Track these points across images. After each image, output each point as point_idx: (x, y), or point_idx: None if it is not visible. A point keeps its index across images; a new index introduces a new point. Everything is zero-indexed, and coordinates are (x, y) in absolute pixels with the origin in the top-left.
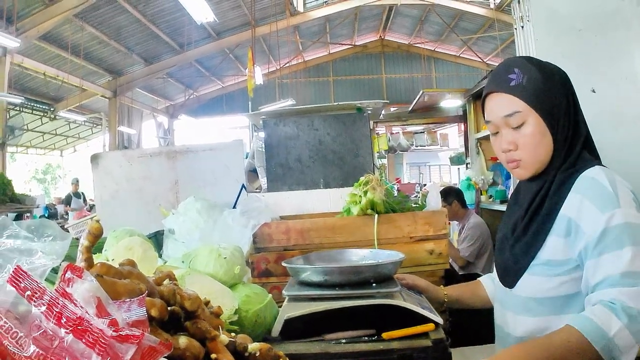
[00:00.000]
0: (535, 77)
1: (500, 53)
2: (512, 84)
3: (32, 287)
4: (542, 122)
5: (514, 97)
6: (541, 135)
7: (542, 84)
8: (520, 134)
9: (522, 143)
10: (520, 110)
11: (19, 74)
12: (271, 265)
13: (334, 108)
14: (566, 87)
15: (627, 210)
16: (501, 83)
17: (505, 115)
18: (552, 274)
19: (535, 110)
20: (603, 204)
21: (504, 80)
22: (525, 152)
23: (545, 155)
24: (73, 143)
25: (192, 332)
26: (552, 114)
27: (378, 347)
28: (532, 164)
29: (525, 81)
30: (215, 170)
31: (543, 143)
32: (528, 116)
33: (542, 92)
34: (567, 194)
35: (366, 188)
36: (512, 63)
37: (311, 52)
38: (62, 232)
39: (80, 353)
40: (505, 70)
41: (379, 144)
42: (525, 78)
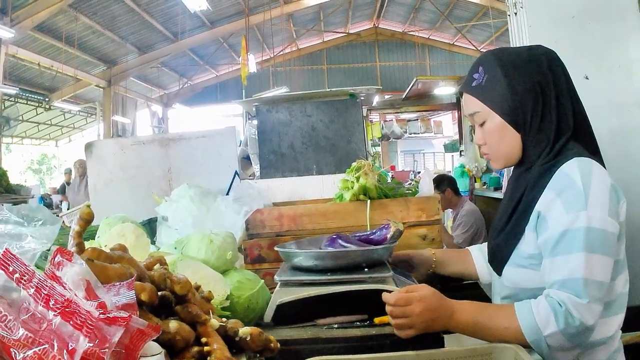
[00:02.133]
0: (495, 77)
1: (495, 41)
2: (474, 84)
3: (20, 270)
4: (502, 121)
5: (474, 98)
6: (501, 133)
7: (501, 83)
8: (484, 131)
9: (486, 139)
10: (479, 111)
11: (13, 65)
12: (264, 251)
13: (326, 94)
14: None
15: (592, 213)
16: (467, 83)
17: (469, 114)
18: (536, 267)
19: (493, 110)
20: (570, 205)
21: (469, 80)
22: (490, 147)
23: (511, 150)
24: (68, 133)
25: (183, 317)
26: (513, 113)
27: (370, 332)
28: (498, 157)
29: (485, 81)
30: (208, 157)
31: (505, 139)
32: (488, 115)
33: (500, 92)
34: (544, 190)
35: (358, 174)
36: (480, 61)
37: (305, 40)
38: (52, 216)
39: (68, 335)
40: (473, 69)
41: (373, 131)
42: (485, 78)
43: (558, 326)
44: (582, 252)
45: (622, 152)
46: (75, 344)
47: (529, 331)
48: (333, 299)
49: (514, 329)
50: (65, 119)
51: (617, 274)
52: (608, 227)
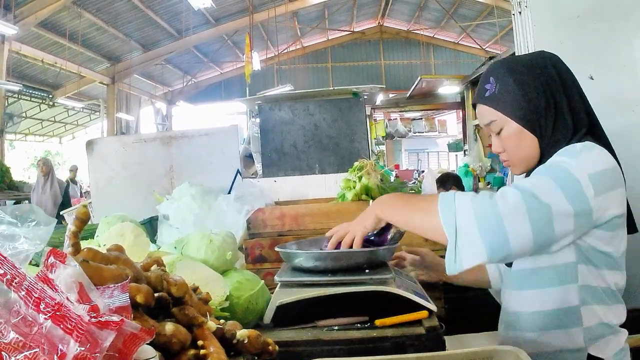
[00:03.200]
0: (507, 85)
1: (500, 40)
2: (487, 94)
3: (11, 272)
4: (519, 126)
5: (489, 108)
6: (519, 138)
7: (514, 90)
8: (501, 138)
9: (505, 147)
10: (495, 119)
11: (17, 61)
12: (265, 251)
13: (330, 93)
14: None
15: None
16: (480, 94)
17: (485, 124)
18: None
19: (509, 117)
20: (562, 154)
21: (482, 91)
22: (509, 154)
23: (530, 153)
24: (71, 130)
25: (179, 319)
26: (527, 117)
27: (371, 335)
28: (519, 163)
29: (498, 90)
30: (210, 155)
31: (523, 144)
32: (504, 123)
33: (514, 100)
34: None
35: (361, 173)
36: (490, 72)
37: (309, 38)
38: (46, 217)
39: (59, 339)
40: (484, 81)
41: (377, 130)
42: (497, 87)
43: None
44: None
45: (627, 151)
46: (66, 348)
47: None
48: (334, 300)
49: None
50: (69, 115)
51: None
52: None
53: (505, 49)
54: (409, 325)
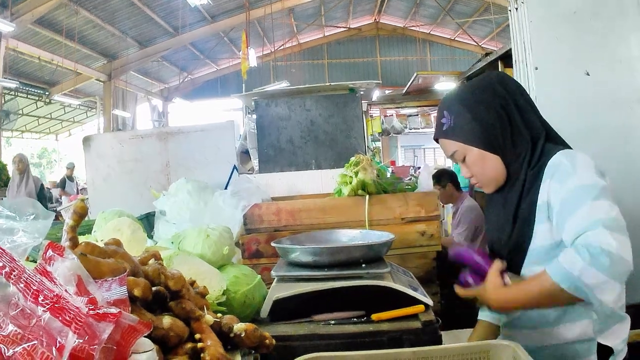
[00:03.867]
0: (460, 115)
1: (496, 37)
2: (444, 128)
3: (10, 265)
4: (479, 150)
5: (448, 140)
6: (483, 161)
7: (467, 118)
8: (467, 165)
9: (472, 171)
10: (456, 150)
11: (13, 59)
12: (262, 246)
13: (326, 89)
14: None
15: (581, 174)
16: (438, 129)
17: (449, 155)
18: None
19: (469, 145)
20: (562, 178)
21: (440, 126)
22: (478, 178)
23: (496, 172)
24: (68, 127)
25: (177, 312)
26: (485, 140)
27: (367, 329)
28: (488, 183)
29: (453, 122)
30: (206, 151)
31: (488, 165)
32: (465, 151)
33: (469, 127)
34: (540, 183)
35: (357, 169)
36: (443, 106)
37: (306, 34)
38: (44, 211)
39: (57, 331)
40: (439, 116)
41: (373, 126)
42: (452, 119)
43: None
44: (586, 203)
45: (623, 147)
46: (64, 340)
47: (562, 279)
48: (330, 294)
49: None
50: (66, 112)
51: None
52: (598, 182)
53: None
54: (405, 319)
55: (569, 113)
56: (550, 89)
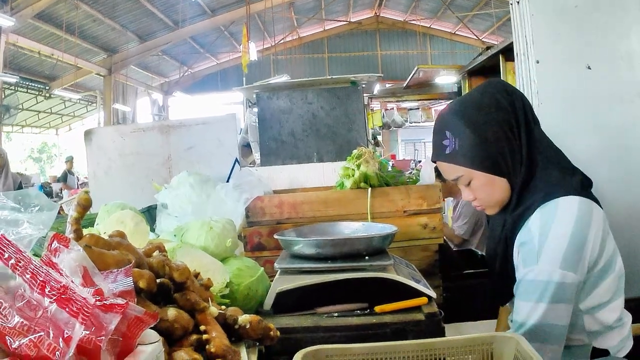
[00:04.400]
0: (465, 137)
1: (496, 30)
2: (447, 151)
3: (16, 257)
4: (487, 174)
5: (453, 165)
6: (490, 185)
7: (473, 141)
8: (471, 189)
9: (477, 195)
10: (462, 175)
11: (14, 53)
12: (264, 238)
13: (327, 82)
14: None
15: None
16: (439, 152)
17: (452, 179)
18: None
19: (476, 170)
20: (525, 260)
21: (441, 149)
22: (483, 201)
23: (503, 194)
24: (68, 121)
25: (181, 304)
26: (494, 163)
27: (370, 321)
28: (493, 206)
29: (458, 145)
30: (208, 144)
31: (495, 188)
32: (472, 176)
33: (476, 151)
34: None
35: (359, 161)
36: (443, 124)
37: (306, 28)
38: (49, 202)
39: (64, 323)
40: (440, 136)
41: (373, 120)
42: (457, 142)
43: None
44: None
45: (624, 143)
46: (71, 332)
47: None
48: (333, 287)
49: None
50: (66, 107)
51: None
52: (555, 278)
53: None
54: (408, 311)
55: (570, 107)
56: (551, 82)
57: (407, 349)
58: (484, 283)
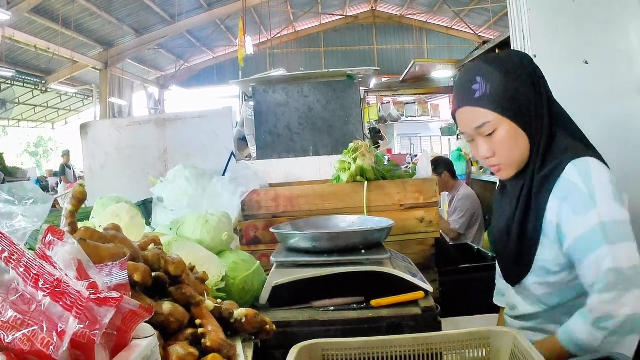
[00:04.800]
0: (498, 83)
1: (493, 25)
2: (477, 95)
3: (9, 249)
4: (514, 125)
5: (481, 109)
6: (515, 138)
7: (506, 87)
8: (493, 141)
9: (497, 149)
10: (489, 120)
11: (10, 47)
12: (260, 232)
13: (324, 75)
14: (533, 78)
15: (600, 209)
16: (466, 96)
17: (476, 127)
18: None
19: (504, 117)
20: (577, 207)
21: (469, 93)
22: (502, 157)
23: (523, 154)
24: (64, 115)
25: (177, 298)
26: (522, 114)
27: (367, 315)
28: (512, 165)
29: (489, 90)
30: (204, 137)
31: (518, 144)
32: (499, 123)
33: (508, 97)
34: (549, 196)
35: (355, 155)
36: (474, 71)
37: (302, 22)
38: (43, 195)
39: (58, 317)
40: (469, 81)
41: (370, 113)
42: (488, 87)
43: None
44: (603, 246)
45: (622, 138)
46: (65, 326)
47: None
48: (329, 280)
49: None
50: (62, 101)
51: None
52: (619, 216)
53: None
54: (405, 305)
55: (567, 102)
56: (548, 77)
57: (403, 343)
58: (480, 277)
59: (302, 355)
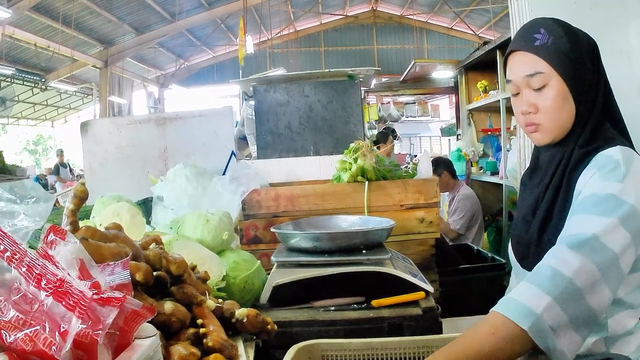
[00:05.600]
0: (561, 39)
1: (493, 26)
2: (537, 43)
3: (11, 249)
4: (565, 86)
5: (538, 57)
6: (563, 100)
7: (568, 47)
8: (541, 96)
9: (542, 106)
10: (542, 72)
11: (10, 45)
12: (260, 232)
13: (325, 75)
14: (594, 56)
15: (627, 187)
16: (526, 41)
17: (526, 75)
18: None
19: (558, 73)
20: (607, 175)
21: (529, 39)
22: (545, 116)
23: (566, 122)
24: (64, 114)
25: (178, 298)
26: (577, 79)
27: (368, 315)
28: (552, 129)
29: (551, 42)
30: (204, 136)
31: (565, 108)
32: (550, 78)
33: (567, 55)
34: (583, 170)
35: (356, 155)
36: (539, 23)
37: (303, 22)
38: (45, 194)
39: (60, 316)
40: (532, 29)
41: (370, 113)
42: (550, 39)
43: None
44: (603, 216)
45: None
46: (68, 326)
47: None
48: (330, 280)
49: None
50: (62, 99)
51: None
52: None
53: (499, 34)
54: (405, 305)
55: None
56: None
57: (403, 345)
58: (479, 278)
59: (302, 355)
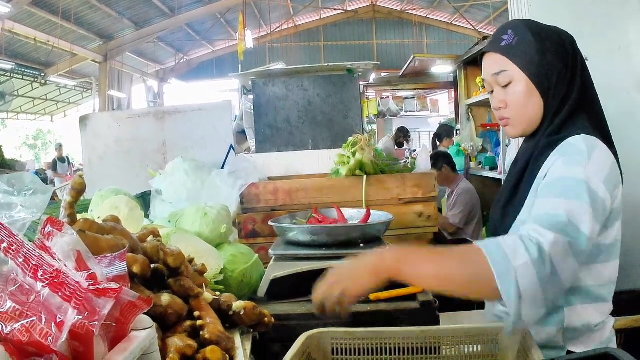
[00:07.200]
0: (526, 39)
1: (493, 21)
2: (503, 44)
3: (8, 240)
4: (530, 83)
5: (502, 57)
6: (527, 96)
7: (532, 45)
8: (508, 92)
9: (510, 101)
10: (506, 70)
11: (9, 40)
12: (258, 225)
13: (324, 69)
14: (566, 57)
15: (589, 173)
16: (494, 43)
17: (494, 73)
18: None
19: (522, 70)
20: (570, 161)
21: (497, 41)
22: (513, 111)
23: (534, 116)
24: (63, 108)
25: (175, 290)
26: (542, 76)
27: (365, 309)
28: (520, 122)
29: (515, 42)
30: (203, 130)
31: (530, 104)
32: (515, 76)
33: (530, 54)
34: (548, 156)
35: (355, 149)
36: (510, 25)
37: (302, 16)
38: (42, 185)
39: (56, 307)
40: (501, 31)
41: (369, 108)
42: (515, 39)
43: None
44: (573, 199)
45: (621, 135)
46: (64, 317)
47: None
48: None
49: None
50: (61, 94)
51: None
52: (599, 192)
53: None
54: (403, 299)
55: None
56: None
57: (409, 335)
58: None
59: (311, 342)
